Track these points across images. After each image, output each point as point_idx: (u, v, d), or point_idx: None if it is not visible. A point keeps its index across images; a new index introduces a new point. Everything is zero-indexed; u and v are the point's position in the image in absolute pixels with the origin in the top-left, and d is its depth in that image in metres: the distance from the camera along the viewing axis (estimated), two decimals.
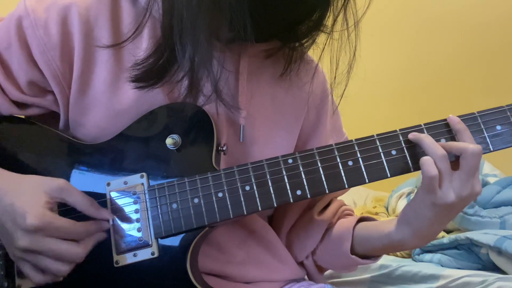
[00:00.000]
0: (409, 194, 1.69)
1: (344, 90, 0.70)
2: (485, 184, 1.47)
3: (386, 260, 1.32)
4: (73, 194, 0.60)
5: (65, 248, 0.57)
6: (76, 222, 0.59)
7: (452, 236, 1.30)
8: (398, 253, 1.41)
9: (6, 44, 0.65)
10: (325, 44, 0.69)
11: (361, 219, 0.79)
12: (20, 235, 0.56)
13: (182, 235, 0.64)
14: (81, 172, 0.66)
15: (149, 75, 0.65)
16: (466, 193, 0.61)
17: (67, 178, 0.66)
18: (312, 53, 0.76)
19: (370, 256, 0.76)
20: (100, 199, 0.65)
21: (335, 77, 0.69)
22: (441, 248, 1.32)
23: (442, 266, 1.28)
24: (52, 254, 0.57)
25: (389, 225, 0.70)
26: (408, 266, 1.27)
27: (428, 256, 1.33)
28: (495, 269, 1.22)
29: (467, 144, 0.61)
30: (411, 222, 0.66)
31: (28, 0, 0.65)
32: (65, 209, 0.61)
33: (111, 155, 0.66)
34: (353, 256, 0.75)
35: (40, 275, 0.58)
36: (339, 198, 0.85)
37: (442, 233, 1.40)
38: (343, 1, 0.65)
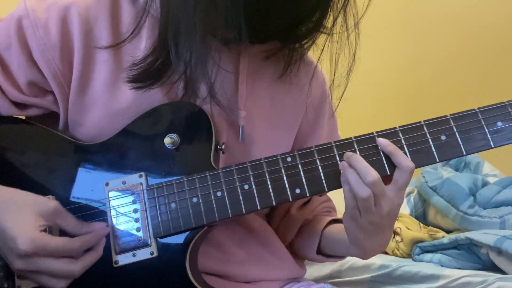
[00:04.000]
0: (409, 194, 1.69)
1: (344, 92, 0.70)
2: (485, 184, 1.47)
3: (386, 260, 1.32)
4: (66, 219, 0.59)
5: (60, 267, 0.56)
6: (71, 238, 0.58)
7: (452, 236, 1.30)
8: (398, 253, 1.41)
9: (6, 44, 0.65)
10: (324, 45, 0.69)
11: (334, 221, 0.80)
12: (13, 259, 0.55)
13: (181, 235, 0.64)
14: (79, 172, 0.66)
15: (146, 75, 0.65)
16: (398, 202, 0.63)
17: (66, 178, 0.66)
18: (312, 55, 0.76)
19: (337, 255, 0.80)
20: (99, 199, 0.65)
21: (333, 79, 0.69)
22: (441, 248, 1.32)
23: (442, 266, 1.28)
24: (49, 273, 0.56)
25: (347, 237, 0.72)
26: (408, 266, 1.27)
27: (428, 256, 1.33)
28: (495, 269, 1.22)
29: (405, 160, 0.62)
30: (359, 245, 0.69)
31: (28, 0, 0.65)
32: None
33: (110, 155, 0.66)
34: (318, 256, 0.79)
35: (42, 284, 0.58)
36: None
37: (442, 233, 1.40)
38: (343, 2, 0.66)
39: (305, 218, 0.82)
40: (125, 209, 0.64)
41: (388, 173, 0.63)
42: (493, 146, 0.63)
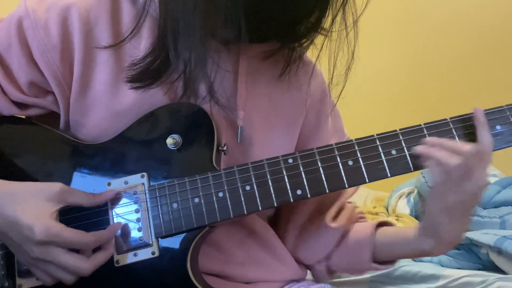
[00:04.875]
0: (409, 194, 1.69)
1: (342, 90, 0.70)
2: None
3: None
4: (75, 194, 0.60)
5: (71, 263, 0.57)
6: (85, 232, 0.58)
7: None
8: None
9: (7, 44, 0.65)
10: (323, 44, 0.69)
11: (380, 224, 0.78)
12: (29, 247, 0.56)
13: (182, 235, 0.64)
14: (81, 172, 0.66)
15: (145, 75, 0.65)
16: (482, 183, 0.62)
17: (68, 178, 0.66)
18: (311, 54, 0.76)
19: (389, 261, 0.77)
20: None
21: (332, 78, 0.69)
22: None
23: (442, 266, 1.28)
24: (60, 266, 0.57)
25: (411, 233, 0.70)
26: (408, 266, 1.28)
27: None
28: (495, 269, 1.22)
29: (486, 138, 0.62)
30: (438, 235, 0.66)
31: (28, 1, 0.65)
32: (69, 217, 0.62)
33: (112, 155, 0.67)
34: (374, 264, 0.75)
35: (51, 279, 0.59)
36: (350, 199, 0.84)
37: None
38: (342, 1, 0.66)
39: (345, 228, 0.78)
40: (127, 209, 0.64)
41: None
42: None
